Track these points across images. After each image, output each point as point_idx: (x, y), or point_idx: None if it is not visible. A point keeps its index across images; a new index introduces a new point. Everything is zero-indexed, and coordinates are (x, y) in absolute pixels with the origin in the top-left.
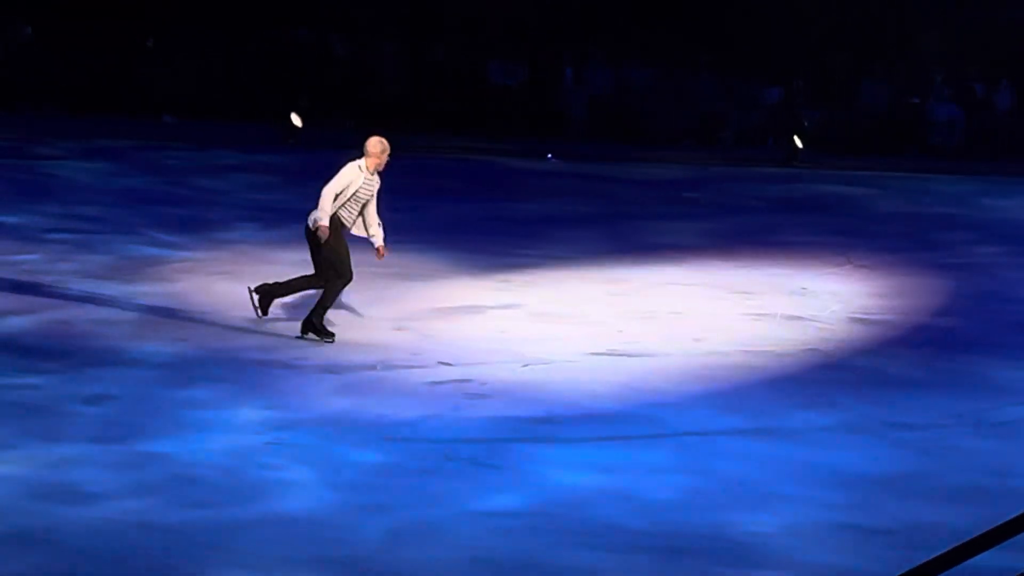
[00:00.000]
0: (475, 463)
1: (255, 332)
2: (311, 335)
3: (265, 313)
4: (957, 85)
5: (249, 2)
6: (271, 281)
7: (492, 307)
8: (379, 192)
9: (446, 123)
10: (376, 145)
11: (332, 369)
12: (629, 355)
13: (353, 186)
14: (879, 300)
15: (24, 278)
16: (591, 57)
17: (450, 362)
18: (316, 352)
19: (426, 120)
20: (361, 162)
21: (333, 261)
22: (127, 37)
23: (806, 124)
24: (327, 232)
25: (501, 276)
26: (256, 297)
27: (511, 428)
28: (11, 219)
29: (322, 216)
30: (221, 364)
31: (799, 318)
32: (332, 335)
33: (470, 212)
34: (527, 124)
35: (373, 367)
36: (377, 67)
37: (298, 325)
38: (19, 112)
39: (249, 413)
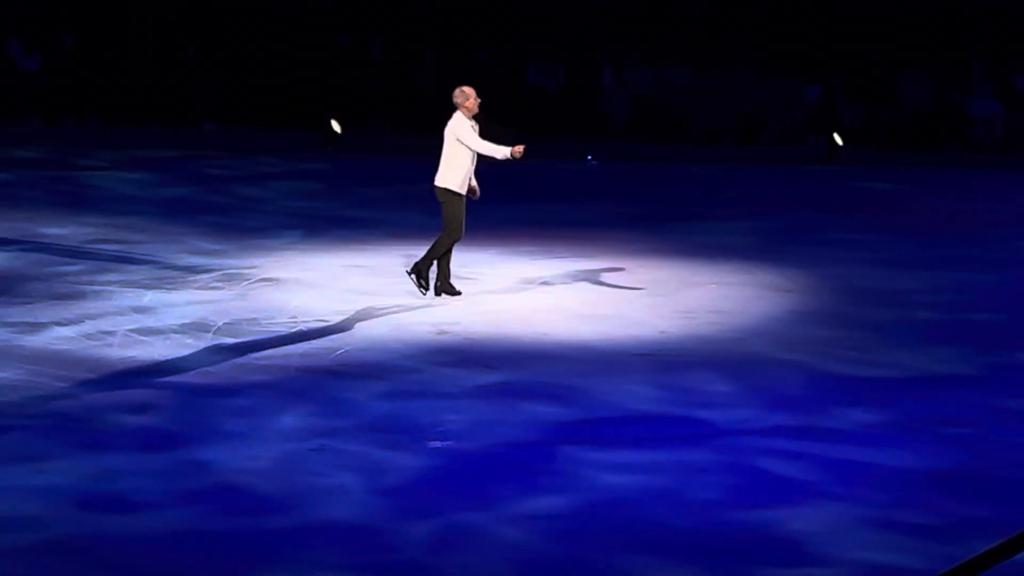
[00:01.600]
0: (519, 466)
1: (298, 339)
2: (413, 277)
3: (428, 288)
4: (997, 80)
5: (288, 9)
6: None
7: (534, 309)
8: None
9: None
10: (458, 95)
11: (376, 375)
12: (671, 355)
13: (475, 131)
14: (922, 296)
15: (67, 289)
16: (630, 57)
17: (492, 365)
18: (359, 357)
19: None
20: (458, 114)
21: (450, 219)
22: (168, 47)
23: (843, 121)
24: (520, 151)
25: (542, 278)
26: (414, 278)
27: (554, 430)
28: (54, 230)
29: (499, 149)
30: (265, 371)
31: (840, 314)
32: (427, 288)
33: (510, 215)
34: (566, 126)
35: (418, 371)
36: (416, 71)
37: (335, 331)
38: (61, 124)
39: (293, 420)
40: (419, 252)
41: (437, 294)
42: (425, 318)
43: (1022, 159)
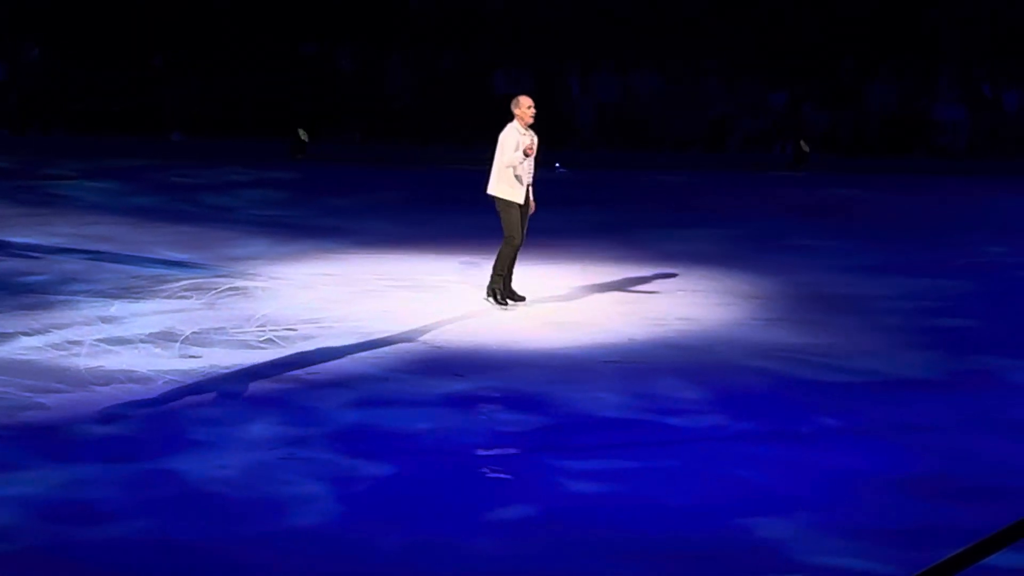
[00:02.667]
0: (489, 474)
1: (266, 348)
2: (491, 299)
3: (511, 300)
4: (963, 85)
5: (255, 18)
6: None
7: (503, 317)
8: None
9: (453, 134)
10: (515, 105)
11: (344, 383)
12: (640, 362)
13: (521, 144)
14: (890, 302)
15: (34, 299)
16: (597, 65)
17: (462, 373)
18: (328, 366)
19: (433, 131)
20: (513, 123)
21: (506, 227)
22: (135, 56)
23: (810, 127)
24: (532, 149)
25: (512, 286)
26: (491, 301)
27: (523, 438)
28: (20, 239)
29: (514, 157)
30: (233, 380)
31: (810, 321)
32: (506, 301)
33: (479, 222)
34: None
35: (386, 379)
36: (383, 79)
37: (303, 339)
38: (27, 133)
39: (261, 429)
40: (387, 260)
41: (504, 301)
42: (394, 327)
43: (988, 164)
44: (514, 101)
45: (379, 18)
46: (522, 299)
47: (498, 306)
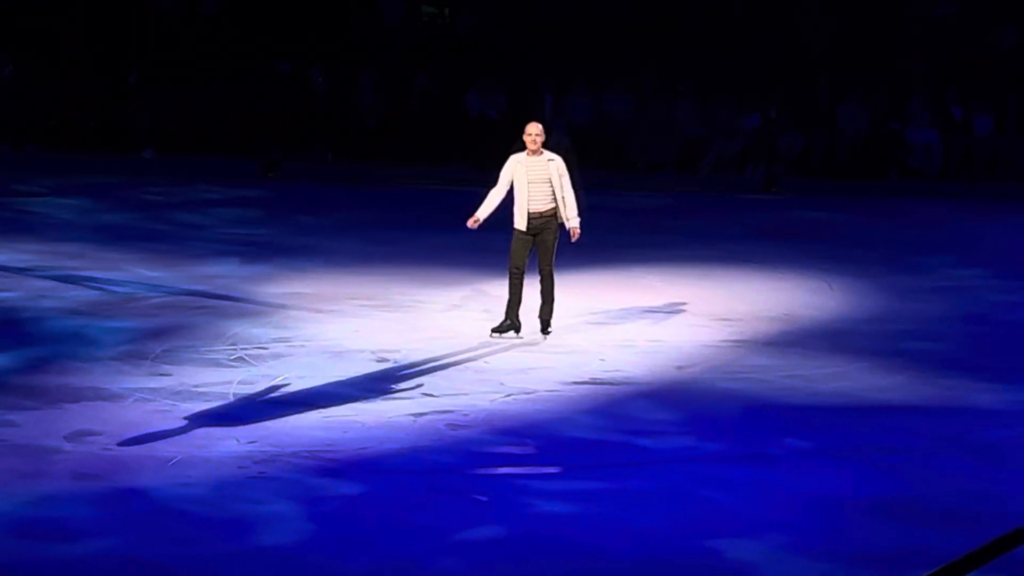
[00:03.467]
0: (457, 494)
1: (237, 366)
2: (501, 334)
3: (549, 332)
4: (935, 109)
5: (228, 37)
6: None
7: (474, 336)
8: (566, 173)
9: (427, 154)
10: (526, 132)
11: (314, 402)
12: (610, 383)
13: (518, 175)
14: (861, 324)
15: (4, 316)
16: (570, 86)
17: (432, 393)
18: (298, 385)
19: (407, 151)
20: (520, 154)
21: (511, 253)
22: (109, 73)
23: (782, 150)
24: (474, 223)
25: (482, 307)
26: (542, 331)
27: (494, 459)
28: None
29: (479, 211)
30: (202, 398)
31: (780, 344)
32: (548, 332)
33: (450, 242)
34: (507, 153)
35: (356, 398)
36: (356, 99)
37: (274, 357)
38: None
39: (231, 447)
40: (358, 279)
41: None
42: (365, 344)
43: (960, 188)
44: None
45: (352, 37)
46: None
47: (545, 335)
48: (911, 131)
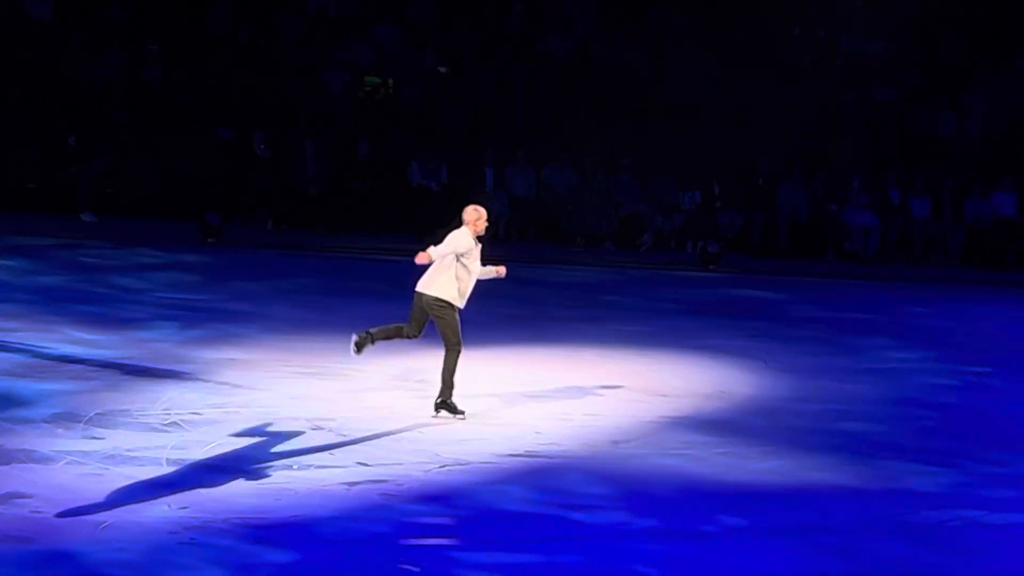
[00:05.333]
0: (389, 565)
1: (171, 432)
2: (444, 412)
3: (462, 412)
4: (873, 192)
5: (171, 102)
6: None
7: (409, 406)
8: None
9: (367, 223)
10: (471, 212)
11: (248, 469)
12: (546, 456)
13: (472, 256)
14: (796, 404)
15: None
16: (512, 158)
17: (367, 462)
18: (232, 451)
19: (348, 219)
20: (464, 229)
21: (447, 331)
22: (48, 135)
23: (722, 229)
24: (424, 258)
25: (418, 377)
26: (444, 413)
27: (426, 529)
28: None
29: (432, 250)
30: (136, 463)
31: (716, 421)
32: (463, 412)
33: (388, 312)
34: (448, 225)
35: (290, 466)
36: (298, 166)
37: (208, 424)
38: None
39: (163, 512)
40: (296, 346)
41: (436, 411)
42: (300, 413)
43: (897, 270)
44: (467, 210)
45: (296, 105)
46: (460, 413)
47: (456, 417)
48: (849, 213)
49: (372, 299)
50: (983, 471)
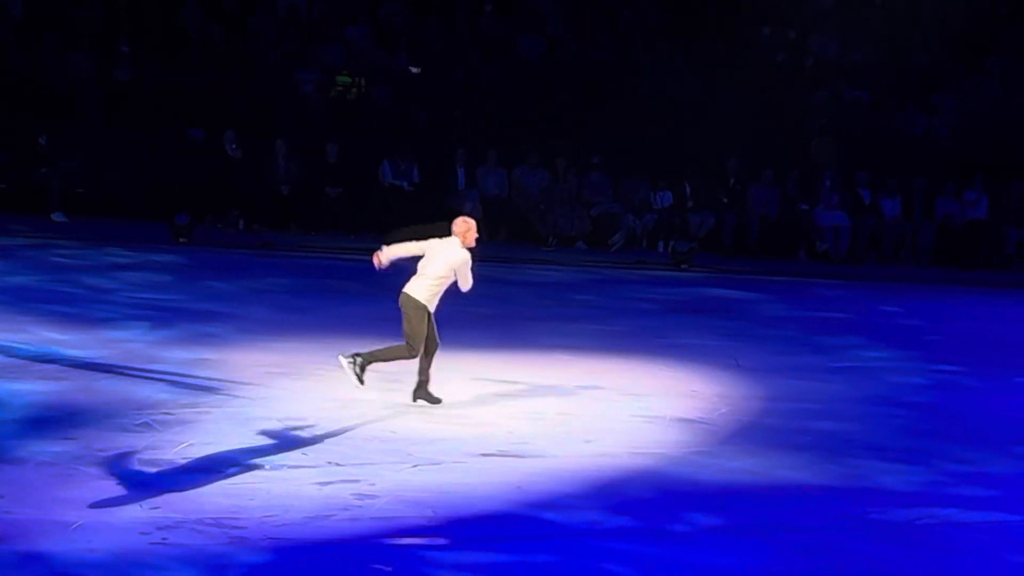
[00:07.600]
0: (362, 564)
1: (142, 432)
2: (349, 370)
3: (423, 400)
4: (845, 192)
5: (142, 102)
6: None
7: (383, 406)
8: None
9: (339, 223)
10: (461, 225)
11: (220, 469)
12: (518, 456)
13: (461, 270)
14: (769, 403)
15: None
16: (484, 158)
17: (339, 462)
18: (203, 451)
19: (319, 219)
20: (454, 240)
21: (411, 336)
22: (19, 135)
23: (693, 228)
24: (380, 261)
25: (392, 376)
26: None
27: (400, 529)
28: None
29: (388, 248)
30: (107, 463)
31: (688, 420)
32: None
33: (361, 312)
34: (419, 225)
35: (263, 466)
36: (270, 166)
37: (180, 423)
38: None
39: (135, 513)
40: (267, 346)
41: (414, 400)
42: (272, 413)
43: (867, 270)
44: (456, 222)
45: (267, 105)
46: (437, 401)
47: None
48: (820, 213)
49: (344, 299)
50: (954, 470)
